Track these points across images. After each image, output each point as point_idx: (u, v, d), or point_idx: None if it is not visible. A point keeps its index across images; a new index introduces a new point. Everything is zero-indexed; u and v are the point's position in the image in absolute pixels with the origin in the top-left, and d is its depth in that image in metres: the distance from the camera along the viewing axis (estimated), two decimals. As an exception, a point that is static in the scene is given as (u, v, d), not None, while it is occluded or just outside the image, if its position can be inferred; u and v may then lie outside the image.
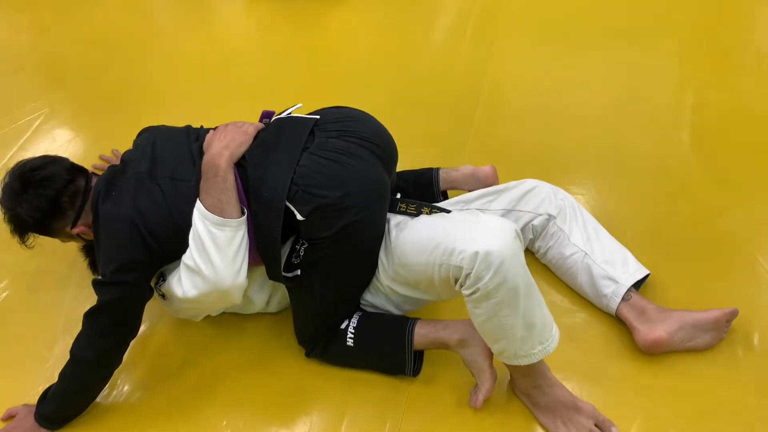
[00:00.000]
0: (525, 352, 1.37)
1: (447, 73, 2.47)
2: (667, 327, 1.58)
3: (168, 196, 1.45)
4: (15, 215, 1.50)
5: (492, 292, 1.29)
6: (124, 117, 2.43)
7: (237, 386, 1.65)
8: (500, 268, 1.28)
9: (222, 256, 1.40)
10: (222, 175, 1.42)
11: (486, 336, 1.40)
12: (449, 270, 1.34)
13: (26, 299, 1.87)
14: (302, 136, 1.47)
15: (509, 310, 1.32)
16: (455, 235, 1.34)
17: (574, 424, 1.46)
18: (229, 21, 2.84)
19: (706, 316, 1.58)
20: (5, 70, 2.65)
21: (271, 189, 1.41)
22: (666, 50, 2.46)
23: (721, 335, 1.61)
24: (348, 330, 1.56)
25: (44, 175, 1.49)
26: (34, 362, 1.73)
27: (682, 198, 2.01)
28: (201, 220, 1.40)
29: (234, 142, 1.47)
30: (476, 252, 1.28)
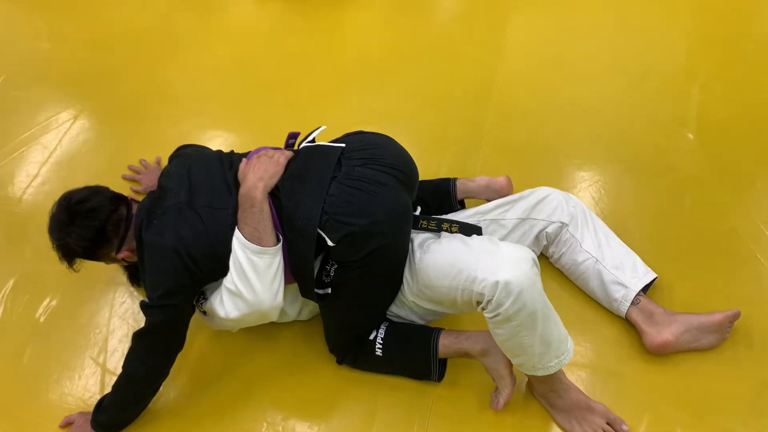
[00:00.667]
0: (542, 366, 1.50)
1: (458, 74, 2.53)
2: (674, 330, 1.69)
3: (207, 224, 1.56)
4: (64, 245, 1.61)
5: (512, 316, 1.41)
6: (148, 123, 2.51)
7: (274, 390, 1.79)
8: (519, 296, 1.39)
9: (261, 281, 1.51)
10: (258, 206, 1.52)
11: (506, 351, 1.52)
12: (471, 294, 1.45)
13: (72, 310, 1.99)
14: (330, 165, 1.56)
15: (528, 332, 1.43)
16: (477, 264, 1.45)
17: (588, 423, 1.59)
18: (242, 23, 2.88)
19: (710, 318, 1.69)
20: (30, 79, 2.72)
21: (304, 219, 1.51)
22: (672, 46, 2.50)
23: (724, 336, 1.72)
24: (376, 341, 1.68)
25: (90, 206, 1.59)
26: (83, 371, 1.87)
27: (688, 195, 2.10)
28: (241, 249, 1.51)
29: (267, 174, 1.57)
30: (497, 281, 1.39)
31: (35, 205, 2.28)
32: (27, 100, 2.64)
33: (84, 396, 1.82)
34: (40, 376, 1.86)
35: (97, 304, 1.99)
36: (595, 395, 1.66)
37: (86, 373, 1.86)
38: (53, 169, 2.38)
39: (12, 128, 2.53)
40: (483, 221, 1.82)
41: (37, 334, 1.95)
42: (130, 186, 2.25)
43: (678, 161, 2.17)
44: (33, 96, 2.66)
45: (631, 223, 2.02)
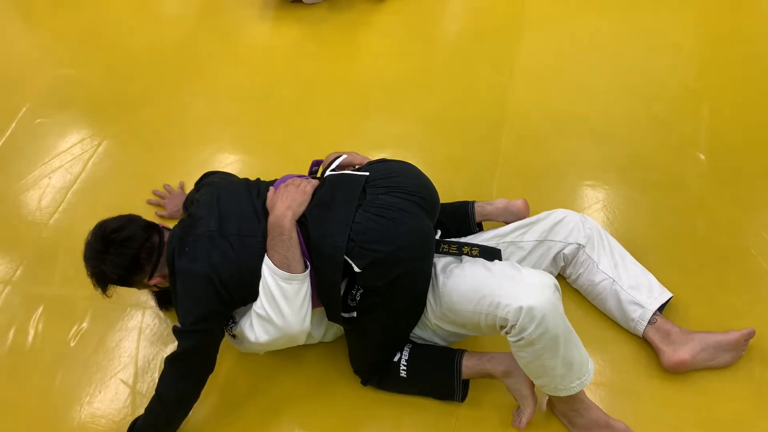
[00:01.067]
0: (564, 387, 1.54)
1: (472, 97, 2.58)
2: (690, 349, 1.74)
3: (237, 251, 1.61)
4: (99, 272, 1.66)
5: (535, 340, 1.46)
6: (170, 148, 2.57)
7: (300, 411, 1.84)
8: (542, 321, 1.44)
9: (290, 306, 1.57)
10: (287, 234, 1.58)
11: (529, 373, 1.57)
12: (495, 319, 1.50)
13: (101, 334, 2.04)
14: (355, 194, 1.62)
15: (550, 354, 1.48)
16: (500, 290, 1.50)
17: None
18: (260, 49, 2.94)
19: (725, 337, 1.74)
20: (54, 106, 2.78)
21: (331, 246, 1.57)
22: (681, 69, 2.55)
23: (740, 354, 1.77)
24: (401, 362, 1.73)
25: (125, 235, 1.65)
26: (114, 393, 1.92)
27: (701, 215, 2.14)
28: (271, 276, 1.56)
29: (295, 203, 1.62)
30: (521, 307, 1.44)
31: (63, 230, 2.34)
32: (52, 126, 2.70)
33: (116, 418, 1.87)
34: (72, 398, 1.92)
35: (126, 328, 2.05)
36: (614, 413, 1.70)
37: (117, 396, 1.91)
38: (79, 194, 2.45)
39: (38, 154, 2.59)
40: (501, 243, 1.87)
41: (68, 358, 2.00)
42: (155, 211, 2.31)
43: (690, 181, 2.22)
44: (57, 122, 2.72)
45: (646, 242, 2.06)
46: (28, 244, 2.31)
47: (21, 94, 2.84)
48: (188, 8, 3.19)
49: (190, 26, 3.11)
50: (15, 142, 2.66)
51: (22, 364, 2.00)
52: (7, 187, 2.48)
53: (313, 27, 2.98)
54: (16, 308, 2.14)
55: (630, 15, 2.79)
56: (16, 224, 2.38)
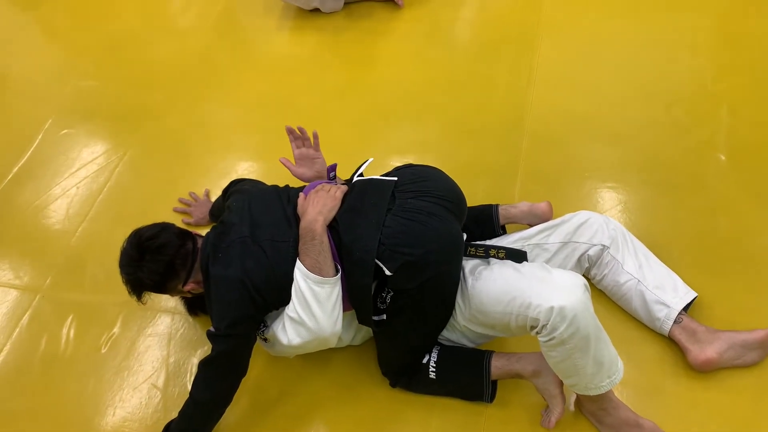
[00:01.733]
0: (594, 386, 1.56)
1: (491, 102, 2.60)
2: (717, 347, 1.75)
3: (270, 256, 1.64)
4: (135, 279, 1.70)
5: (566, 340, 1.48)
6: (194, 156, 2.61)
7: (329, 413, 1.87)
8: (573, 321, 1.46)
9: (323, 309, 1.60)
10: (318, 238, 1.61)
11: (559, 373, 1.59)
12: (526, 320, 1.52)
13: (132, 339, 2.08)
14: (385, 198, 1.65)
15: (581, 354, 1.50)
16: (531, 291, 1.52)
17: None
18: (279, 58, 2.98)
19: (752, 336, 1.75)
20: (80, 117, 2.84)
21: (362, 251, 1.60)
22: (699, 72, 2.56)
23: (767, 352, 1.78)
24: (429, 364, 1.76)
25: (160, 242, 1.69)
26: (146, 397, 1.96)
27: (723, 215, 2.15)
28: (303, 279, 1.59)
29: (326, 208, 1.65)
30: (552, 307, 1.46)
31: (91, 238, 2.39)
32: (77, 137, 2.76)
33: (148, 422, 1.91)
34: (104, 403, 1.95)
35: (156, 333, 2.09)
36: (642, 412, 1.71)
37: (149, 400, 1.95)
38: (106, 203, 2.49)
39: (65, 164, 2.65)
40: (527, 246, 1.89)
41: (99, 364, 2.04)
42: (182, 218, 2.35)
43: (711, 182, 2.23)
44: (82, 133, 2.78)
45: (668, 243, 2.08)
46: (58, 252, 2.35)
47: (46, 106, 2.91)
48: (207, 20, 3.24)
49: (209, 37, 3.16)
50: (42, 152, 2.71)
51: (56, 371, 2.04)
52: (35, 197, 2.53)
53: (331, 35, 3.02)
54: (47, 316, 2.19)
55: (647, 18, 2.81)
56: (45, 233, 2.43)
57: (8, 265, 2.35)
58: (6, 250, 2.39)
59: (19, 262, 2.36)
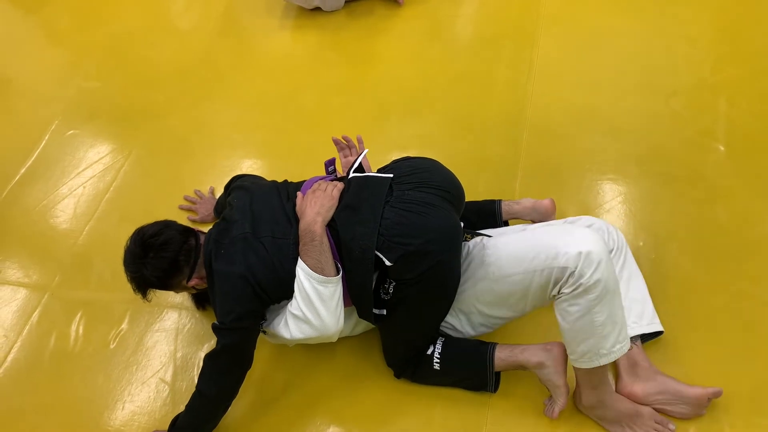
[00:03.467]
0: (606, 351, 1.56)
1: (491, 97, 2.62)
2: (647, 388, 1.72)
3: (271, 253, 1.67)
4: (139, 276, 1.73)
5: (591, 287, 1.50)
6: (198, 155, 2.65)
7: (334, 404, 1.90)
8: (599, 266, 1.49)
9: (326, 307, 1.63)
10: (318, 239, 1.63)
11: (574, 337, 1.58)
12: (552, 273, 1.54)
13: (140, 335, 2.12)
14: (382, 194, 1.67)
15: (601, 307, 1.52)
16: (556, 241, 1.56)
17: (639, 426, 1.67)
18: (280, 57, 3.00)
19: (688, 391, 1.69)
20: (85, 117, 2.87)
21: (361, 249, 1.62)
22: (697, 63, 2.58)
23: (700, 412, 1.70)
24: (434, 355, 1.78)
25: (163, 239, 1.72)
26: (155, 391, 1.99)
27: (722, 205, 2.17)
28: (307, 279, 1.62)
29: (324, 208, 1.67)
30: (580, 252, 1.50)
31: (98, 237, 2.42)
32: (83, 137, 2.79)
33: (157, 415, 1.94)
34: (114, 397, 1.99)
35: (163, 329, 2.12)
36: (643, 403, 1.74)
37: (157, 394, 1.98)
38: (112, 202, 2.52)
39: (71, 165, 2.68)
40: None
41: (108, 359, 2.08)
42: (187, 216, 2.38)
43: (709, 173, 2.25)
44: (88, 133, 2.81)
45: (666, 233, 2.10)
46: (65, 251, 2.39)
47: (52, 107, 2.94)
48: (208, 20, 3.27)
49: (210, 37, 3.19)
50: (48, 153, 2.75)
51: (65, 367, 2.08)
52: (43, 197, 2.57)
53: (332, 34, 3.05)
54: (56, 313, 2.22)
55: (646, 10, 2.82)
56: (53, 233, 2.46)
57: (17, 263, 2.38)
58: (15, 249, 2.43)
59: (27, 261, 2.40)
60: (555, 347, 1.68)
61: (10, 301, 2.27)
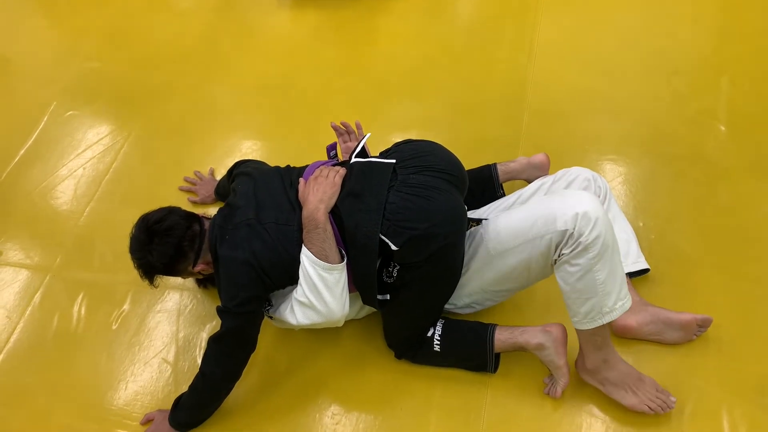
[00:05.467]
0: (609, 308, 1.57)
1: (491, 77, 2.61)
2: (640, 319, 1.79)
3: (275, 239, 1.67)
4: (146, 262, 1.74)
5: (590, 245, 1.51)
6: (198, 136, 2.64)
7: (337, 384, 1.91)
8: (597, 223, 1.50)
9: (332, 294, 1.64)
10: (322, 226, 1.63)
11: (577, 297, 1.58)
12: (552, 238, 1.55)
13: (142, 316, 2.12)
14: (385, 180, 1.66)
15: (601, 264, 1.53)
16: (551, 206, 1.57)
17: (642, 392, 1.68)
18: (280, 38, 2.98)
19: (677, 317, 1.78)
20: (85, 98, 2.86)
21: (365, 236, 1.62)
22: (699, 42, 2.56)
23: (689, 337, 1.81)
24: (434, 337, 1.80)
25: (167, 225, 1.72)
26: (157, 372, 2.00)
27: (723, 185, 2.17)
28: (312, 266, 1.63)
29: (326, 195, 1.67)
30: (576, 213, 1.51)
31: (99, 218, 2.42)
32: (82, 118, 2.78)
33: (159, 395, 1.95)
34: (116, 378, 2.00)
35: (165, 310, 2.13)
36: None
37: (160, 374, 1.99)
38: (113, 183, 2.52)
39: (71, 146, 2.67)
40: None
41: (111, 340, 2.09)
42: (187, 197, 2.38)
43: (711, 153, 2.25)
44: (87, 114, 2.80)
45: (667, 213, 2.11)
46: (67, 232, 2.39)
47: (51, 88, 2.93)
48: (207, 1, 3.24)
49: (210, 18, 3.16)
50: (48, 134, 2.74)
51: (68, 347, 2.09)
52: (43, 179, 2.57)
53: (332, 14, 3.02)
54: (58, 294, 2.23)
55: (647, -10, 2.81)
56: (54, 214, 2.47)
57: (18, 245, 2.39)
58: (16, 231, 2.43)
59: (29, 242, 2.40)
60: (554, 328, 1.69)
61: (12, 282, 2.28)
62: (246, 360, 1.76)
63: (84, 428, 1.91)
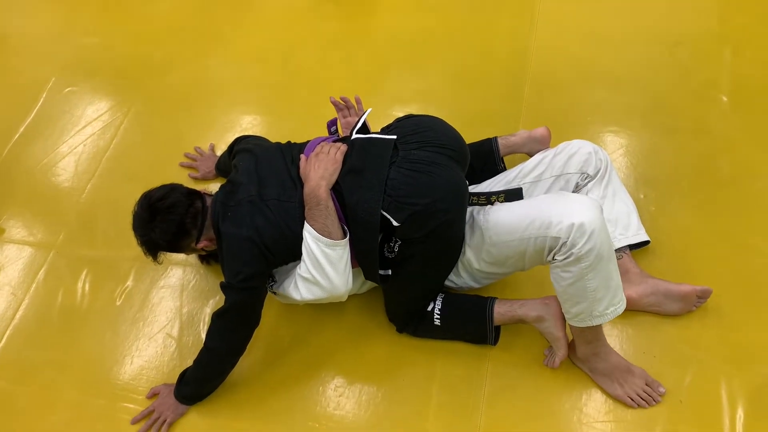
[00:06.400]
0: (599, 313, 1.60)
1: (492, 49, 2.59)
2: (640, 290, 1.81)
3: (278, 215, 1.68)
4: (148, 240, 1.75)
5: (583, 256, 1.52)
6: (198, 111, 2.62)
7: (340, 358, 1.93)
8: (592, 236, 1.50)
9: (335, 270, 1.65)
10: (324, 203, 1.63)
11: (568, 299, 1.61)
12: (545, 241, 1.56)
13: (146, 292, 2.14)
14: (386, 156, 1.66)
15: (594, 273, 1.54)
16: (550, 211, 1.56)
17: (629, 385, 1.71)
18: (279, 11, 2.94)
19: (677, 288, 1.80)
20: (83, 74, 2.84)
21: (367, 212, 1.63)
22: (704, 12, 2.53)
23: (689, 308, 1.82)
24: (435, 312, 1.81)
25: (169, 203, 1.72)
26: (162, 347, 2.02)
27: (724, 156, 2.17)
28: (315, 242, 1.63)
29: (327, 172, 1.67)
30: (572, 223, 1.51)
31: (101, 194, 2.42)
32: (81, 94, 2.77)
33: (165, 369, 1.98)
34: (122, 353, 2.02)
35: (168, 285, 2.14)
36: (640, 351, 1.78)
37: (165, 349, 2.02)
38: (113, 160, 2.52)
39: (71, 122, 2.66)
40: (524, 183, 1.91)
41: (115, 316, 2.10)
42: (188, 173, 2.38)
43: (713, 124, 2.24)
44: (86, 90, 2.78)
45: (669, 185, 2.11)
46: (69, 209, 2.40)
47: (49, 64, 2.90)
48: (205, -28, 3.21)
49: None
50: (47, 111, 2.72)
51: (74, 323, 2.11)
52: (43, 156, 2.56)
53: (331, -16, 2.99)
54: (62, 271, 2.24)
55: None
56: (55, 191, 2.47)
57: (21, 222, 2.40)
58: (18, 209, 2.44)
59: (31, 219, 2.41)
60: (553, 301, 1.70)
61: (16, 259, 2.29)
62: (250, 335, 1.78)
63: (91, 403, 1.94)
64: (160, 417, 1.85)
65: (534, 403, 1.77)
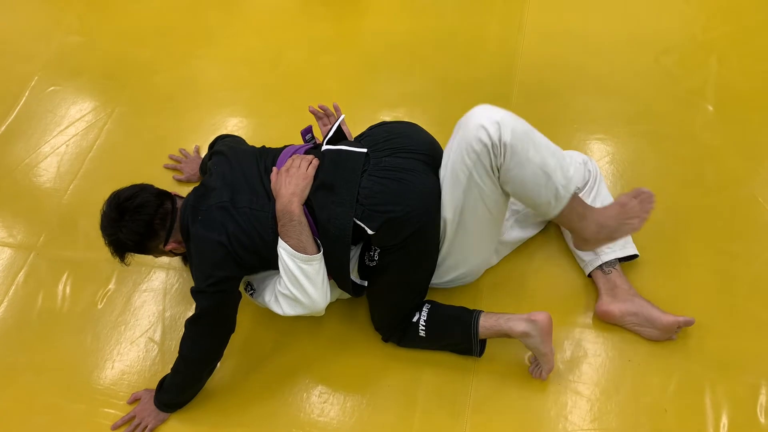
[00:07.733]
0: (565, 180, 1.58)
1: (480, 54, 2.58)
2: (624, 308, 1.79)
3: (250, 222, 1.67)
4: (116, 239, 1.72)
5: (515, 144, 1.53)
6: (183, 113, 2.60)
7: (324, 366, 1.92)
8: (503, 123, 1.53)
9: (313, 285, 1.64)
10: (297, 219, 1.62)
11: (535, 194, 1.59)
12: (483, 163, 1.57)
13: (128, 295, 2.12)
14: (357, 170, 1.65)
15: (534, 150, 1.55)
16: (461, 140, 1.59)
17: (633, 212, 1.65)
18: (267, 13, 2.92)
19: (659, 317, 1.76)
20: (67, 73, 2.80)
21: (337, 228, 1.62)
22: (690, 20, 2.54)
23: (668, 337, 1.79)
24: (419, 323, 1.80)
25: (138, 202, 1.70)
26: (145, 350, 2.00)
27: (709, 165, 2.17)
28: (290, 259, 1.62)
29: (299, 188, 1.65)
30: (482, 125, 1.53)
31: (83, 196, 2.40)
32: (64, 94, 2.74)
33: (146, 374, 1.96)
34: (103, 356, 2.00)
35: (151, 289, 2.12)
36: (626, 358, 1.79)
37: (147, 353, 1.99)
38: (96, 161, 2.49)
39: (53, 122, 2.63)
40: None
41: (96, 319, 2.08)
42: (173, 175, 2.36)
43: (698, 132, 2.24)
44: (70, 90, 2.75)
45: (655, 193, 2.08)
46: (50, 210, 2.37)
47: (32, 62, 2.87)
48: (192, -28, 3.18)
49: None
50: (29, 110, 2.69)
51: (54, 326, 2.08)
52: (25, 156, 2.53)
53: (319, -12, 2.97)
54: (42, 273, 2.21)
55: (638, -34, 2.77)
56: (37, 192, 2.44)
57: (1, 223, 2.36)
58: (-2, 209, 2.40)
59: (11, 220, 2.37)
60: (540, 317, 1.68)
61: (-4, 261, 2.26)
62: (225, 340, 1.76)
63: (71, 408, 1.91)
64: (141, 423, 1.83)
65: (519, 411, 1.76)
